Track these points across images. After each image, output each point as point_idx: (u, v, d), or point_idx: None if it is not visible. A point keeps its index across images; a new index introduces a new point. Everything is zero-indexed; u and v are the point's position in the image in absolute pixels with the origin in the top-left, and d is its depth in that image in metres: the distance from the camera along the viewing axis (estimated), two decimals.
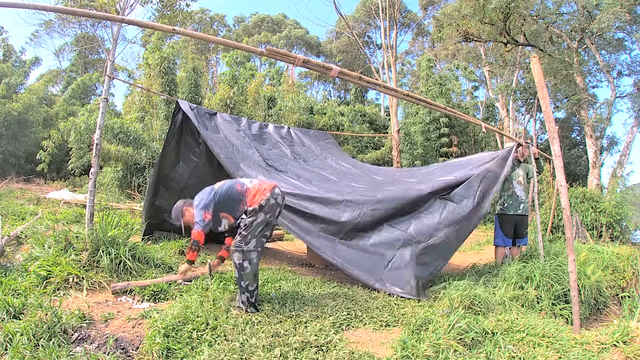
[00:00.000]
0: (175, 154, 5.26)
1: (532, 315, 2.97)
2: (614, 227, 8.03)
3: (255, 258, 2.84)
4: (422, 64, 17.74)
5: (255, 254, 2.84)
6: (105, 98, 4.11)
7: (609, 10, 10.77)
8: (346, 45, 28.31)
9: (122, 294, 3.25)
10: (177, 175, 5.33)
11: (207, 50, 26.55)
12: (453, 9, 13.97)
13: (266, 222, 2.91)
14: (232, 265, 4.67)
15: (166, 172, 5.25)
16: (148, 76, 13.41)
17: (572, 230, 3.29)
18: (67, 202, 9.22)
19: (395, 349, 2.30)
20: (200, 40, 20.29)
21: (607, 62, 14.50)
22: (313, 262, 5.49)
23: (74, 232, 3.82)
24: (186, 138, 5.25)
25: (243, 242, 2.81)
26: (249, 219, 2.85)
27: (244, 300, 2.84)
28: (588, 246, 5.60)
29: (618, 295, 4.33)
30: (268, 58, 10.83)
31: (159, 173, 5.18)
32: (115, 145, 10.87)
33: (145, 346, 2.37)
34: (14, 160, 14.51)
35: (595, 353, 2.35)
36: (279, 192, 3.04)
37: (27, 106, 14.94)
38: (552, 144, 2.91)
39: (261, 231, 2.88)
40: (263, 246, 2.95)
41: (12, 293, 2.95)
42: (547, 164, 10.35)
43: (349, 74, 2.50)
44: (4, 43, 19.22)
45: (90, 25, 21.24)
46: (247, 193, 2.96)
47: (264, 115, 14.40)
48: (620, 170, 13.32)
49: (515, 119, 22.77)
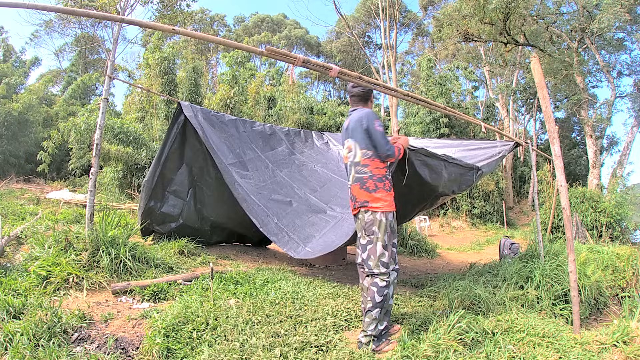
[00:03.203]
0: (179, 157, 5.13)
1: (532, 315, 2.97)
2: (614, 227, 8.04)
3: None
4: (422, 64, 17.76)
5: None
6: (106, 98, 4.11)
7: (609, 10, 10.78)
8: (346, 45, 28.33)
9: (122, 294, 3.25)
10: (180, 179, 5.19)
11: (207, 50, 26.57)
12: (453, 9, 13.98)
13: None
14: (235, 265, 4.68)
15: (170, 177, 5.13)
16: (148, 76, 13.42)
17: (572, 230, 3.29)
18: (67, 202, 9.22)
19: (395, 349, 2.30)
20: (200, 40, 20.30)
21: (607, 62, 14.51)
22: (313, 262, 5.49)
23: (74, 232, 3.81)
24: (190, 141, 5.09)
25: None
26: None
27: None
28: (588, 246, 5.61)
29: (618, 295, 4.33)
30: (268, 58, 10.83)
31: (161, 176, 5.03)
32: (115, 145, 10.89)
33: (145, 346, 2.37)
34: (14, 161, 14.51)
35: (595, 353, 2.35)
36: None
37: (27, 106, 14.95)
38: (552, 144, 2.91)
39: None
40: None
41: (12, 293, 2.95)
42: (547, 164, 10.35)
43: (348, 73, 2.50)
44: (4, 43, 19.22)
45: (90, 25, 21.28)
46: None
47: (264, 115, 14.41)
48: (620, 170, 13.33)
49: (515, 119, 22.80)
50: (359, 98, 2.68)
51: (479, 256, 6.69)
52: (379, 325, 2.40)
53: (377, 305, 2.38)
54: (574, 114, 17.23)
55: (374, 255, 2.43)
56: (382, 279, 2.40)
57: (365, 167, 2.51)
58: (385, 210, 2.46)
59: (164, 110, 12.46)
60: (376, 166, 2.50)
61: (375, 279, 2.42)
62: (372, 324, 2.38)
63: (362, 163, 2.51)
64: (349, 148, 2.61)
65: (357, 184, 2.52)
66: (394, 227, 2.50)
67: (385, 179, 2.53)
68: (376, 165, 2.51)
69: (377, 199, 2.46)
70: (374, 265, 2.42)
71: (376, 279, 2.41)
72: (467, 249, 9.39)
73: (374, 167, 2.50)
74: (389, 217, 2.47)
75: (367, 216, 2.47)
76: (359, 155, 2.53)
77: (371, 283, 2.43)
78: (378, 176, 2.49)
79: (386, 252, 2.43)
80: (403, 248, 7.52)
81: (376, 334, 2.39)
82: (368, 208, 2.47)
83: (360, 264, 2.56)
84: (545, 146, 23.85)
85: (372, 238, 2.45)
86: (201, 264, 4.54)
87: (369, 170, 2.49)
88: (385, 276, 2.41)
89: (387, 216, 2.46)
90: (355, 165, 2.55)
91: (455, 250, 9.07)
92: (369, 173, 2.49)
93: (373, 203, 2.46)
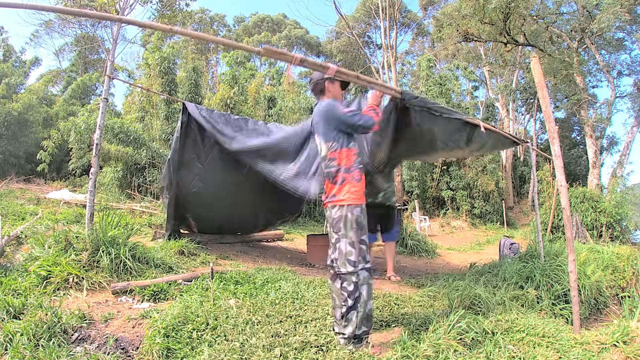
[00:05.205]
0: (185, 159, 5.09)
1: (532, 315, 2.97)
2: (614, 227, 8.04)
3: None
4: (422, 64, 17.75)
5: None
6: (105, 98, 4.10)
7: (609, 10, 10.78)
8: (346, 45, 28.30)
9: (122, 294, 3.25)
10: (183, 182, 5.15)
11: (207, 50, 26.56)
12: (453, 9, 13.98)
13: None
14: (235, 265, 4.68)
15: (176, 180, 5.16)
16: (148, 76, 13.41)
17: (572, 230, 3.29)
18: (67, 202, 9.21)
19: (395, 349, 2.30)
20: (199, 40, 20.31)
21: (607, 62, 14.52)
22: (313, 262, 5.50)
23: (74, 232, 3.81)
24: (193, 142, 5.05)
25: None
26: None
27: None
28: (588, 246, 5.61)
29: (618, 295, 4.33)
30: (268, 58, 10.83)
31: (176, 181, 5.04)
32: (115, 145, 10.88)
33: (145, 346, 2.37)
34: (14, 160, 14.50)
35: (595, 353, 2.35)
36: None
37: (27, 106, 14.93)
38: (552, 144, 2.91)
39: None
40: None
41: (12, 293, 2.95)
42: (547, 164, 10.35)
43: (347, 72, 2.49)
44: (4, 43, 19.20)
45: (90, 25, 21.27)
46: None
47: (264, 115, 14.40)
48: (620, 170, 13.34)
49: (515, 118, 22.81)
50: (315, 92, 2.66)
51: (479, 256, 6.68)
52: (357, 330, 2.29)
53: (351, 308, 2.28)
54: (574, 114, 17.23)
55: (341, 254, 2.32)
56: (350, 279, 2.29)
57: (333, 160, 2.43)
58: (351, 203, 2.35)
59: (164, 110, 12.45)
60: (344, 157, 2.43)
61: (344, 281, 2.30)
62: (350, 328, 2.29)
63: (329, 157, 2.45)
64: (317, 144, 2.57)
65: (328, 180, 2.45)
66: (361, 223, 2.37)
67: (354, 169, 2.43)
68: (343, 156, 2.43)
69: (344, 191, 2.37)
70: (341, 264, 2.32)
71: (344, 279, 2.30)
72: (467, 249, 9.39)
73: (341, 158, 2.42)
74: (355, 211, 2.35)
75: (334, 212, 2.37)
76: (324, 150, 2.47)
77: (341, 284, 2.32)
78: (345, 167, 2.41)
79: (354, 250, 2.31)
80: (403, 248, 7.52)
81: (353, 337, 2.30)
82: (335, 202, 2.38)
83: (330, 264, 2.43)
84: (545, 146, 23.85)
85: (339, 235, 2.35)
86: (201, 264, 4.54)
87: (336, 163, 2.42)
88: (353, 276, 2.29)
89: (352, 211, 2.34)
90: (323, 160, 2.49)
91: (455, 250, 9.06)
92: (336, 166, 2.42)
93: (339, 195, 2.37)
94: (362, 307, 2.31)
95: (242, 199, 5.57)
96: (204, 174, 5.21)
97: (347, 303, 2.29)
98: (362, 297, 2.31)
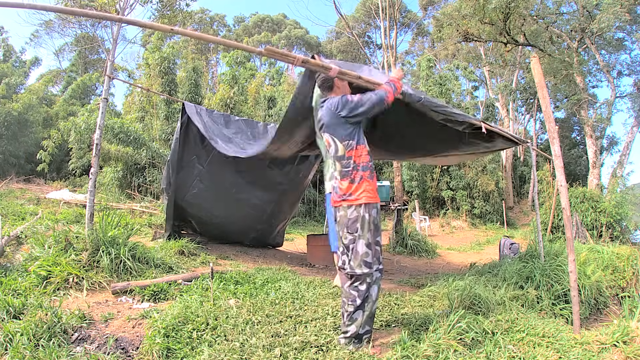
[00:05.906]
0: (185, 160, 5.13)
1: (532, 315, 2.97)
2: (614, 227, 8.03)
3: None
4: (422, 64, 17.74)
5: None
6: (105, 98, 4.11)
7: (609, 10, 10.78)
8: (346, 45, 28.30)
9: (122, 294, 3.25)
10: (182, 183, 5.20)
11: (207, 50, 26.55)
12: (453, 9, 13.97)
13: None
14: (235, 265, 4.67)
15: (186, 178, 5.18)
16: (148, 76, 13.41)
17: (572, 230, 3.29)
18: (67, 202, 9.21)
19: (395, 349, 2.30)
20: (200, 40, 20.29)
21: (607, 62, 14.52)
22: (313, 262, 5.50)
23: (74, 232, 3.82)
24: (193, 143, 5.09)
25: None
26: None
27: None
28: (588, 246, 5.60)
29: (618, 295, 4.33)
30: (268, 58, 10.83)
31: (176, 184, 5.06)
32: (115, 145, 10.88)
33: (145, 346, 2.37)
34: (14, 160, 14.50)
35: (595, 353, 2.35)
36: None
37: (27, 106, 14.93)
38: (552, 144, 2.91)
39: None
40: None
41: (12, 293, 2.95)
42: (547, 164, 10.36)
43: (348, 73, 2.50)
44: (4, 43, 19.20)
45: (90, 25, 21.25)
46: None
47: (264, 115, 14.39)
48: (620, 170, 13.34)
49: (515, 118, 22.80)
50: (323, 88, 2.62)
51: (479, 256, 6.69)
52: (360, 330, 2.31)
53: (358, 308, 2.28)
54: (574, 114, 17.23)
55: (357, 255, 2.31)
56: (364, 280, 2.29)
57: (350, 159, 2.40)
58: (368, 202, 2.35)
59: (164, 110, 12.45)
60: (359, 154, 2.41)
61: (357, 281, 2.30)
62: (353, 327, 2.29)
63: (347, 155, 2.41)
64: (328, 142, 2.51)
65: (345, 178, 2.41)
66: (377, 224, 2.38)
67: (368, 168, 2.42)
68: (358, 153, 2.42)
69: (361, 190, 2.35)
70: (356, 265, 2.30)
71: (358, 280, 2.30)
72: (467, 249, 9.39)
73: (356, 156, 2.41)
74: (372, 212, 2.35)
75: (350, 212, 2.35)
76: (342, 148, 2.42)
77: (352, 285, 2.32)
78: (363, 164, 2.40)
79: (370, 251, 2.31)
80: (403, 248, 7.53)
81: (355, 336, 2.31)
82: (351, 202, 2.35)
83: (342, 266, 2.41)
84: (545, 146, 23.84)
85: (355, 236, 2.33)
86: (201, 264, 4.54)
87: (352, 161, 2.40)
88: (368, 277, 2.29)
89: (370, 211, 2.34)
90: (341, 159, 2.43)
91: (455, 250, 9.07)
92: (353, 164, 2.40)
93: (355, 194, 2.35)
94: (369, 307, 2.32)
95: (243, 198, 5.58)
96: (204, 175, 5.22)
97: (356, 302, 2.29)
98: (370, 298, 2.32)
